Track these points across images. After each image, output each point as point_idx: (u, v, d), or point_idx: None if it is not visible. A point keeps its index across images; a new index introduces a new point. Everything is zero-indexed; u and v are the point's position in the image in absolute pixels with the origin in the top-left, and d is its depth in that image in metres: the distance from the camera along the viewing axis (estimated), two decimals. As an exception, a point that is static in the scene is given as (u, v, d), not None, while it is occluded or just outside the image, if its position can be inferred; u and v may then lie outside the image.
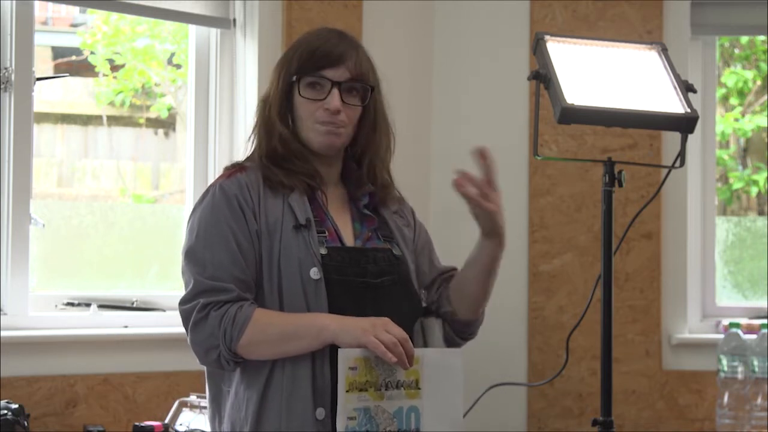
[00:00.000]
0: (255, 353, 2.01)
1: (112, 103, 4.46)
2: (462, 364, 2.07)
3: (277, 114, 2.13)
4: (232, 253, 2.02)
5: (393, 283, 2.12)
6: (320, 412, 1.99)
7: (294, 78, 2.11)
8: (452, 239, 3.66)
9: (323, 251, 2.05)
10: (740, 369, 3.48)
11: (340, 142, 2.13)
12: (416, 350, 2.01)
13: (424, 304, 2.22)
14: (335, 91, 2.09)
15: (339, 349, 1.94)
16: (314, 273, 2.02)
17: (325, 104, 2.09)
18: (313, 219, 2.08)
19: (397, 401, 1.99)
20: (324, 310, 2.02)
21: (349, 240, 2.13)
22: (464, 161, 3.74)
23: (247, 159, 2.18)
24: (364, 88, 2.13)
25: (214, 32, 3.45)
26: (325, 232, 2.09)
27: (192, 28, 3.46)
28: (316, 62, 2.10)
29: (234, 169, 2.13)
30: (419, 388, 2.01)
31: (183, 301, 2.04)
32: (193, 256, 2.04)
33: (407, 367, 1.96)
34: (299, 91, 2.11)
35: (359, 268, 2.08)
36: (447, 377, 2.04)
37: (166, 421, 2.93)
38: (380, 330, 1.94)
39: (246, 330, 1.98)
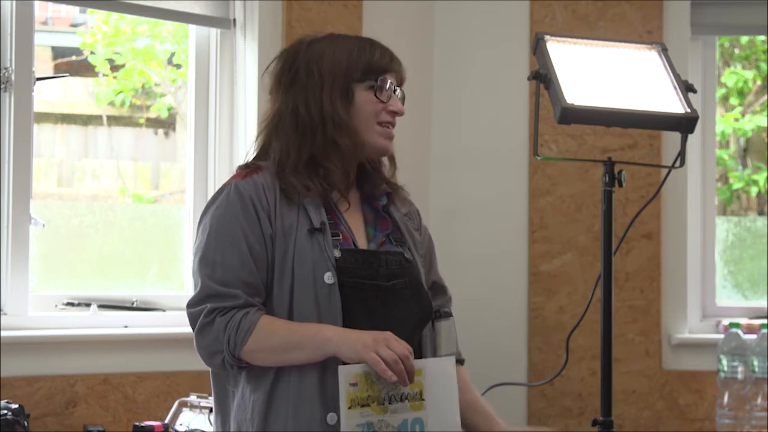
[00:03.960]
0: (258, 360, 2.00)
1: (112, 103, 4.46)
2: (454, 370, 2.07)
3: (346, 110, 2.10)
4: (243, 256, 2.01)
5: (404, 287, 2.12)
6: (331, 417, 1.99)
7: (361, 80, 2.12)
8: (452, 239, 3.67)
9: (337, 254, 2.05)
10: (740, 369, 3.48)
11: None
12: (417, 361, 1.99)
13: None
14: (398, 95, 2.16)
15: (339, 367, 1.93)
16: (328, 277, 2.02)
17: (390, 106, 2.13)
18: (327, 222, 2.08)
19: (402, 414, 1.98)
20: (336, 315, 2.01)
21: (362, 244, 2.13)
22: (464, 161, 3.76)
23: (260, 159, 2.16)
24: (403, 95, 2.19)
25: (214, 32, 3.45)
26: (339, 235, 2.08)
27: (192, 28, 3.46)
28: (382, 66, 2.14)
29: (249, 169, 2.11)
30: (423, 399, 2.00)
31: (190, 304, 2.03)
32: (204, 257, 2.04)
33: (407, 384, 1.94)
34: (375, 93, 2.12)
35: (371, 270, 2.07)
36: (445, 385, 2.04)
37: (166, 421, 2.93)
38: (382, 346, 1.92)
39: (250, 337, 1.98)
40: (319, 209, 2.08)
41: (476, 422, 2.21)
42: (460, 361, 2.29)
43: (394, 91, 2.15)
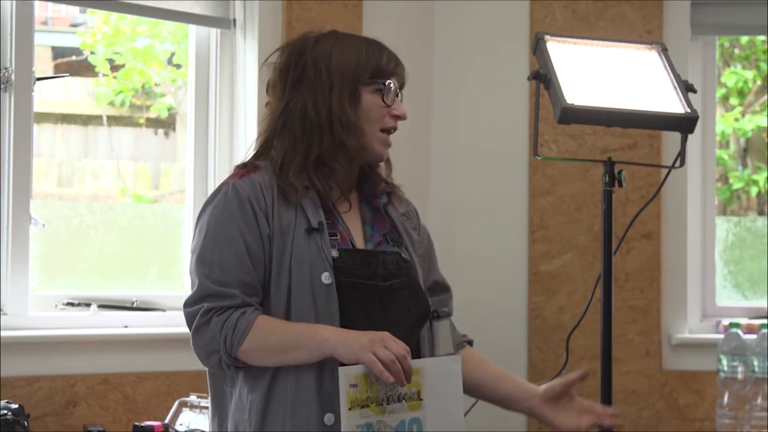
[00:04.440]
0: (255, 360, 2.00)
1: (112, 103, 4.46)
2: (461, 369, 2.07)
3: (354, 112, 2.09)
4: (240, 256, 2.01)
5: (401, 287, 2.11)
6: (329, 418, 1.98)
7: (368, 83, 2.11)
8: (452, 239, 3.67)
9: (335, 254, 2.05)
10: (740, 369, 3.48)
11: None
12: (416, 361, 1.99)
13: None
14: (400, 98, 2.15)
15: (339, 368, 1.93)
16: (326, 278, 2.01)
17: (394, 110, 2.12)
18: (325, 222, 2.07)
19: (400, 414, 1.98)
20: (334, 314, 2.01)
21: (360, 243, 2.12)
22: (464, 161, 3.76)
23: (260, 157, 2.15)
24: (402, 97, 2.18)
25: (214, 32, 3.45)
26: (336, 235, 2.08)
27: (192, 28, 3.46)
28: (388, 70, 2.13)
29: (247, 169, 2.11)
30: (421, 399, 2.00)
31: (187, 303, 2.03)
32: (201, 256, 2.03)
33: (404, 384, 1.94)
34: (382, 97, 2.11)
35: (369, 270, 2.07)
36: (447, 384, 2.04)
37: (166, 421, 2.93)
38: (379, 346, 1.92)
39: (247, 337, 1.97)
40: (317, 209, 2.07)
41: (506, 389, 2.22)
42: (469, 342, 2.30)
43: (397, 94, 2.15)
